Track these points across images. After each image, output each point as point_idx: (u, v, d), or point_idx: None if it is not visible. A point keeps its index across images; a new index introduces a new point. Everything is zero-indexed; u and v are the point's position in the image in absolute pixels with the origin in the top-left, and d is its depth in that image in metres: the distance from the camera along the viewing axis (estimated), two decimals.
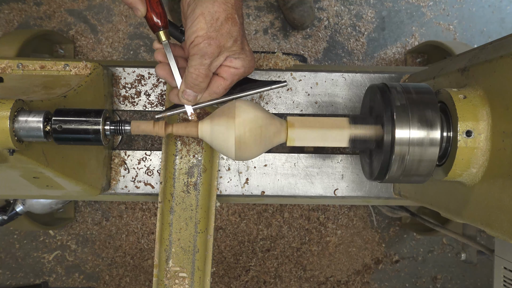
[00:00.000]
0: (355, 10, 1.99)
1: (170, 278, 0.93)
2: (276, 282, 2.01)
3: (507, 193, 0.60)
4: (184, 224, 0.93)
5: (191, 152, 0.94)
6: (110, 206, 1.98)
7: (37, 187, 0.90)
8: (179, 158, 0.94)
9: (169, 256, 0.93)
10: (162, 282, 0.93)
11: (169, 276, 0.93)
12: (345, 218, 2.01)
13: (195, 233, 0.94)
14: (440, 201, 0.83)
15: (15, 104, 0.67)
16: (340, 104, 1.04)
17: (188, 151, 0.94)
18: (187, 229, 0.93)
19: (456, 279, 2.06)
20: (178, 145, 0.94)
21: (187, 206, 0.94)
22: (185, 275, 0.93)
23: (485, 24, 2.02)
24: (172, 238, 0.93)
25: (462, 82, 0.74)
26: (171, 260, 0.93)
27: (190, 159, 0.94)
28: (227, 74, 0.75)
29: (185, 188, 0.94)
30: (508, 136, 0.61)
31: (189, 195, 0.94)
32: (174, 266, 0.93)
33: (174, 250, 0.93)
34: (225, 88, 0.77)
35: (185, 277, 0.93)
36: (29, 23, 1.94)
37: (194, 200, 0.94)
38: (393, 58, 2.01)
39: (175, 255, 0.93)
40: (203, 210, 0.94)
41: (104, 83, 0.96)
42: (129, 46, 1.97)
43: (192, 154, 0.94)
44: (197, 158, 0.94)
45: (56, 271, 1.99)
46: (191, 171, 0.94)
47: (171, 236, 0.93)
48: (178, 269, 0.93)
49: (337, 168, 1.04)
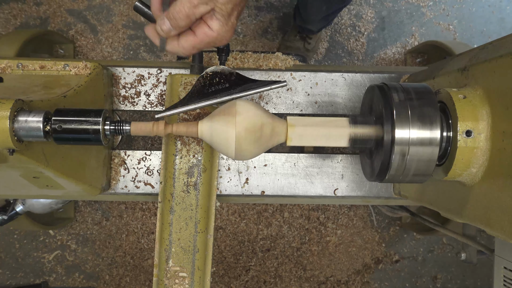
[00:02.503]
0: (355, 10, 1.99)
1: (170, 278, 0.93)
2: (276, 282, 2.01)
3: (507, 193, 0.60)
4: (184, 224, 0.93)
5: (191, 152, 0.94)
6: (110, 206, 1.98)
7: (37, 187, 0.90)
8: (179, 158, 0.94)
9: (169, 256, 0.93)
10: (162, 282, 0.93)
11: (169, 276, 0.93)
12: (345, 218, 2.01)
13: (195, 233, 0.94)
14: (440, 201, 0.83)
15: (15, 104, 0.67)
16: (340, 104, 1.04)
17: (188, 151, 0.94)
18: (187, 229, 0.93)
19: (456, 279, 2.06)
20: (178, 145, 0.94)
21: (187, 206, 0.94)
22: (185, 275, 0.93)
23: (485, 24, 2.02)
24: (172, 238, 0.93)
25: (462, 82, 0.74)
26: (171, 260, 0.93)
27: (190, 159, 0.94)
28: (199, 32, 0.72)
29: (185, 188, 0.94)
30: (508, 136, 0.61)
31: (189, 195, 0.94)
32: (174, 266, 0.93)
33: (174, 250, 0.93)
34: (192, 46, 0.73)
35: (185, 276, 0.93)
36: (29, 23, 1.94)
37: (194, 200, 0.94)
38: (393, 58, 2.01)
39: (175, 255, 0.93)
40: (203, 210, 0.94)
41: (104, 83, 0.96)
42: (129, 46, 1.97)
43: (192, 154, 0.94)
44: (197, 158, 0.94)
45: (56, 271, 1.99)
46: (191, 171, 0.94)
47: (171, 236, 0.93)
48: (178, 269, 0.93)
49: (337, 168, 1.04)
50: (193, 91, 0.82)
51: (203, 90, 0.82)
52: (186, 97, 0.82)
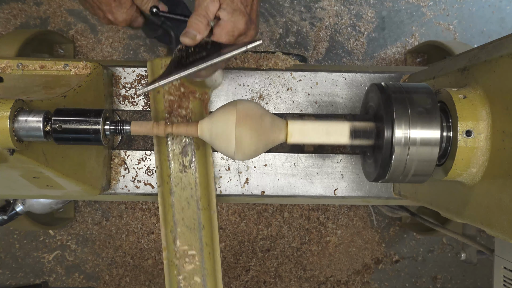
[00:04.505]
0: (355, 10, 1.99)
1: (180, 258, 0.93)
2: (276, 282, 2.01)
3: (507, 193, 0.60)
4: (186, 203, 0.94)
5: None
6: (110, 206, 1.98)
7: (37, 187, 0.90)
8: (171, 140, 0.94)
9: (176, 237, 0.93)
10: (173, 263, 0.93)
11: (179, 256, 0.93)
12: (345, 218, 2.01)
13: (197, 211, 0.94)
14: (440, 201, 0.83)
15: (15, 104, 0.67)
16: (340, 104, 1.04)
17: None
18: (190, 208, 0.94)
19: (456, 279, 2.06)
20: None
21: (186, 185, 0.94)
22: (194, 253, 0.93)
23: (485, 24, 2.01)
24: (176, 218, 0.93)
25: (462, 82, 0.74)
26: (178, 240, 0.93)
27: (182, 139, 0.94)
28: (215, 28, 0.82)
29: (181, 167, 0.94)
30: (508, 136, 0.61)
31: (186, 174, 0.94)
32: (182, 245, 0.93)
33: (180, 230, 0.93)
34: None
35: (194, 254, 0.93)
36: (29, 23, 1.94)
37: (192, 178, 0.94)
38: (393, 58, 2.01)
39: (182, 235, 0.93)
40: (203, 187, 0.94)
41: (104, 83, 0.96)
42: (129, 46, 1.97)
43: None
44: (188, 137, 0.94)
45: (56, 271, 1.99)
46: (185, 151, 0.94)
47: (175, 217, 0.94)
48: (186, 248, 0.93)
49: (337, 168, 1.04)
50: (172, 65, 0.81)
51: (181, 62, 0.82)
52: (166, 71, 0.80)
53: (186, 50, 0.83)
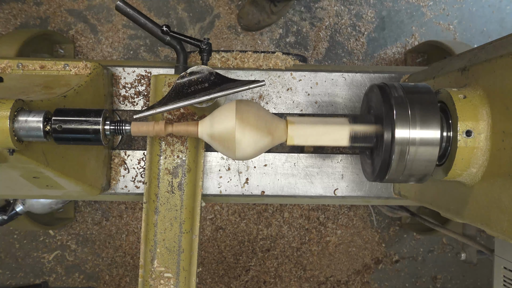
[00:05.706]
0: (355, 10, 1.99)
1: (155, 279, 0.93)
2: (276, 282, 2.01)
3: (507, 193, 0.60)
4: (169, 225, 0.93)
5: (175, 152, 0.94)
6: (110, 206, 1.98)
7: (37, 187, 0.90)
8: (164, 159, 0.94)
9: (154, 257, 0.93)
10: (148, 282, 0.93)
11: (154, 276, 0.93)
12: (345, 218, 2.01)
13: (180, 233, 0.93)
14: (440, 201, 0.83)
15: (15, 104, 0.67)
16: (340, 104, 1.04)
17: (172, 151, 0.94)
18: (172, 230, 0.93)
19: (456, 279, 2.06)
20: (163, 146, 0.94)
21: (172, 206, 0.94)
22: (170, 275, 0.93)
23: (485, 24, 2.01)
24: (157, 238, 0.93)
25: (462, 82, 0.74)
26: (156, 261, 0.93)
27: (175, 159, 0.94)
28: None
29: (169, 188, 0.94)
30: (508, 136, 0.61)
31: (173, 195, 0.94)
32: (159, 267, 0.93)
33: (159, 251, 0.93)
34: None
35: (170, 277, 0.93)
36: (29, 23, 1.94)
37: (178, 200, 0.94)
38: (393, 58, 2.01)
39: (160, 256, 0.93)
40: (188, 210, 0.94)
41: (104, 83, 0.96)
42: (129, 46, 1.97)
43: (176, 154, 0.94)
44: (181, 158, 0.94)
45: (56, 271, 1.99)
46: (176, 171, 0.94)
47: (156, 237, 0.93)
48: (163, 269, 0.93)
49: (337, 168, 1.04)
50: (172, 91, 0.82)
51: (182, 90, 0.82)
52: (166, 97, 0.81)
53: (190, 78, 0.83)
